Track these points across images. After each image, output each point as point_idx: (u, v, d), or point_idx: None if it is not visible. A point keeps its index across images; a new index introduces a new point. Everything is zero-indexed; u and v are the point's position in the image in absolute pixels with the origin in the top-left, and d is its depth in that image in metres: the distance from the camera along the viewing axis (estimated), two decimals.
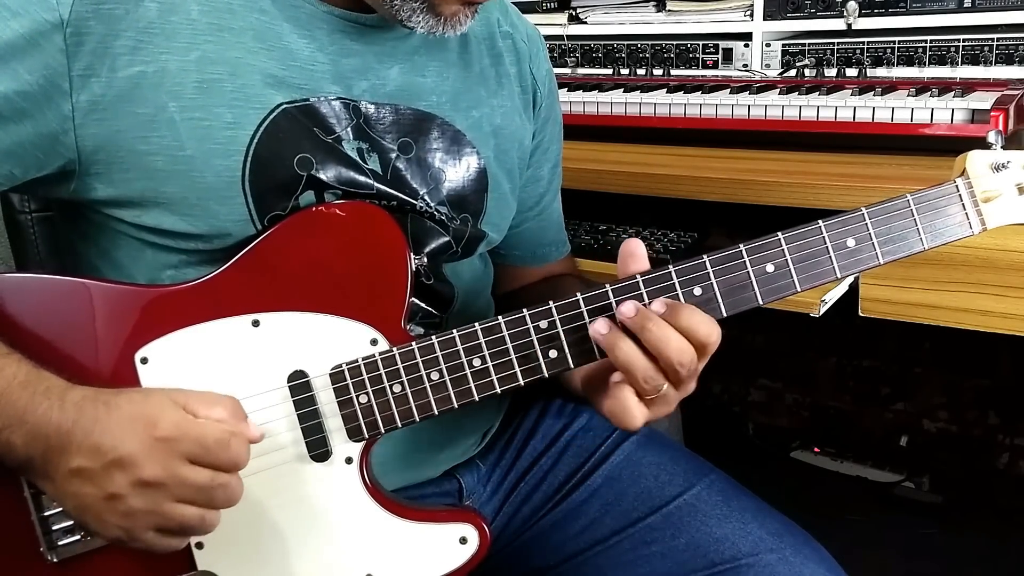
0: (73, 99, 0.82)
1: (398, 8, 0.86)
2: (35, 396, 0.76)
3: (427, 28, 0.87)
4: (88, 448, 0.76)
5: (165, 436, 0.76)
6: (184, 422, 0.77)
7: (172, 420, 0.77)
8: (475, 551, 0.89)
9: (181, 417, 0.77)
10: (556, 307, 0.84)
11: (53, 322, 0.84)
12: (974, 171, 0.86)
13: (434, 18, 0.87)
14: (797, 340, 2.33)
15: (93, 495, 0.76)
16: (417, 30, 0.88)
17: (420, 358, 0.85)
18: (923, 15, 1.59)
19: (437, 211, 0.96)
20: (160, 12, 0.84)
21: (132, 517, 0.77)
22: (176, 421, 0.77)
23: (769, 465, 2.31)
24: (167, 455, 0.76)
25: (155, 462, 0.76)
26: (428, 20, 0.87)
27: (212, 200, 0.86)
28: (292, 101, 0.88)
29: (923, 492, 2.18)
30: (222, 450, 0.77)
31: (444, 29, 0.88)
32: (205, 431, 0.77)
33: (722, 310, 0.83)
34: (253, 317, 0.86)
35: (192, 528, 0.79)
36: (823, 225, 0.83)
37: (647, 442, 1.08)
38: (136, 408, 0.77)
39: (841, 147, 1.41)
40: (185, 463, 0.76)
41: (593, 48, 1.92)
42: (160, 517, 0.77)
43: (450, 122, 0.97)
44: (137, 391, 0.81)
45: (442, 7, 0.86)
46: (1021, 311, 1.10)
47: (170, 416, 0.77)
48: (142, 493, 0.76)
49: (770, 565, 0.94)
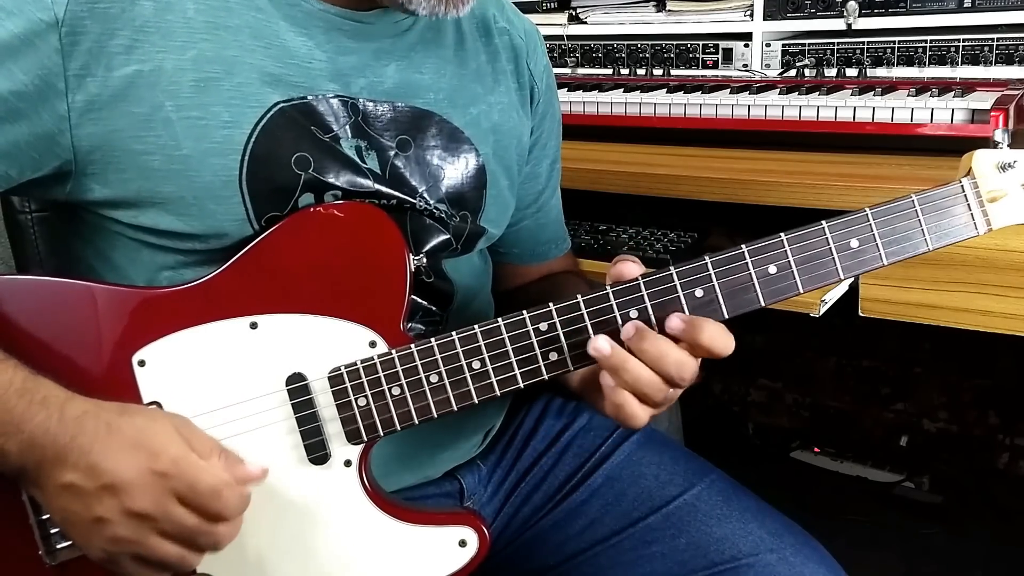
0: (69, 99, 0.82)
1: None
2: (32, 405, 0.76)
3: (429, 10, 0.87)
4: (84, 467, 0.75)
5: (162, 470, 0.75)
6: (183, 461, 0.76)
7: (172, 456, 0.76)
8: (474, 554, 0.89)
9: (183, 455, 0.76)
10: (556, 309, 0.83)
11: (50, 324, 0.83)
12: (980, 171, 0.85)
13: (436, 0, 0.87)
14: (797, 340, 2.33)
15: (81, 514, 0.76)
16: (419, 12, 0.87)
17: (419, 360, 0.84)
18: (923, 15, 1.59)
19: (436, 209, 0.95)
20: (156, 11, 0.84)
21: (115, 543, 0.76)
22: (176, 458, 0.76)
23: (769, 465, 2.31)
24: (160, 490, 0.75)
25: (147, 495, 0.75)
26: (431, 2, 0.87)
27: (209, 200, 0.85)
28: (289, 100, 0.88)
29: (923, 492, 2.18)
30: (212, 499, 0.77)
31: (446, 10, 0.88)
32: (200, 476, 0.76)
33: (724, 312, 0.83)
34: (251, 319, 0.85)
35: (171, 565, 0.78)
36: (826, 226, 0.83)
37: (647, 442, 1.08)
38: (139, 435, 0.76)
39: (841, 147, 1.41)
40: (176, 501, 0.76)
41: (593, 48, 1.91)
42: (142, 548, 0.76)
43: (448, 119, 0.97)
44: (141, 413, 0.80)
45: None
46: (1021, 311, 1.10)
47: (172, 451, 0.76)
48: (129, 522, 0.75)
49: (770, 565, 0.94)
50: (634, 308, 0.83)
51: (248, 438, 0.85)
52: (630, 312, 0.83)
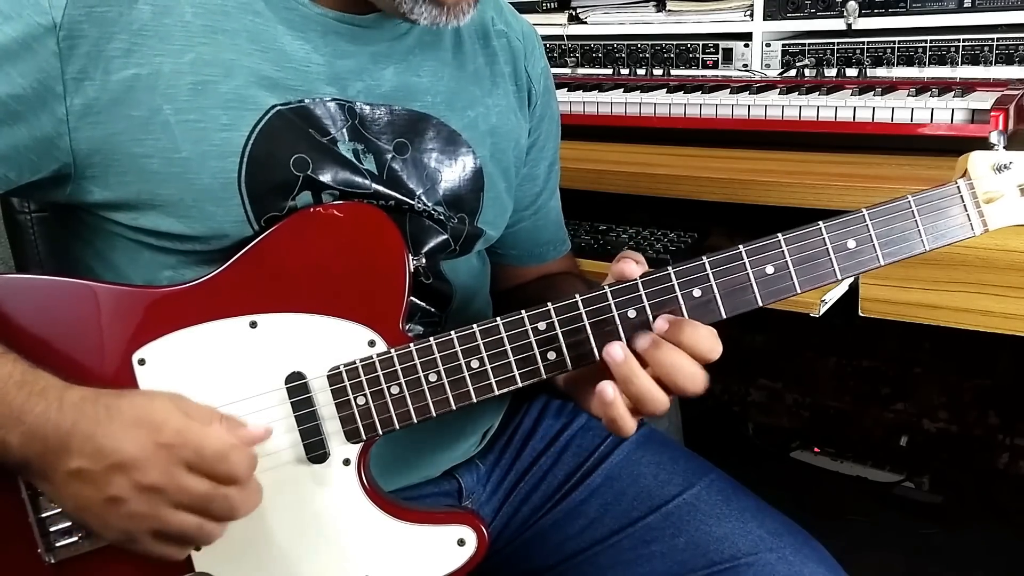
0: (67, 102, 0.82)
1: (400, 0, 0.86)
2: (31, 396, 0.76)
3: (430, 20, 0.87)
4: (90, 450, 0.75)
5: (166, 442, 0.76)
6: (186, 429, 0.77)
7: (175, 426, 0.77)
8: (473, 553, 0.89)
9: (184, 424, 0.77)
10: (554, 309, 0.84)
11: (50, 323, 0.83)
12: (976, 172, 0.85)
13: (436, 8, 0.87)
14: (797, 340, 2.33)
15: (93, 497, 0.76)
16: (420, 22, 0.87)
17: (418, 359, 0.85)
18: (923, 15, 1.59)
19: (434, 210, 0.96)
20: (153, 14, 0.84)
21: (133, 519, 0.77)
22: (178, 428, 0.77)
23: (769, 465, 2.31)
24: (167, 461, 0.76)
25: (155, 467, 0.76)
26: (431, 11, 0.87)
27: (208, 202, 0.86)
28: (287, 103, 0.88)
29: (923, 492, 2.18)
30: (219, 462, 0.77)
31: (447, 19, 0.88)
32: (204, 441, 0.77)
33: (721, 312, 0.83)
34: (251, 318, 0.85)
35: (190, 536, 0.79)
36: (823, 226, 0.83)
37: (647, 442, 1.08)
38: (139, 412, 0.77)
39: (841, 147, 1.41)
40: (185, 471, 0.76)
41: (593, 48, 1.91)
42: (159, 522, 0.77)
43: (445, 122, 0.97)
44: (139, 394, 0.81)
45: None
46: (1021, 311, 1.10)
47: (174, 422, 0.77)
48: (142, 497, 0.76)
49: (770, 564, 0.94)
50: (632, 308, 0.83)
51: None
52: (628, 312, 0.83)
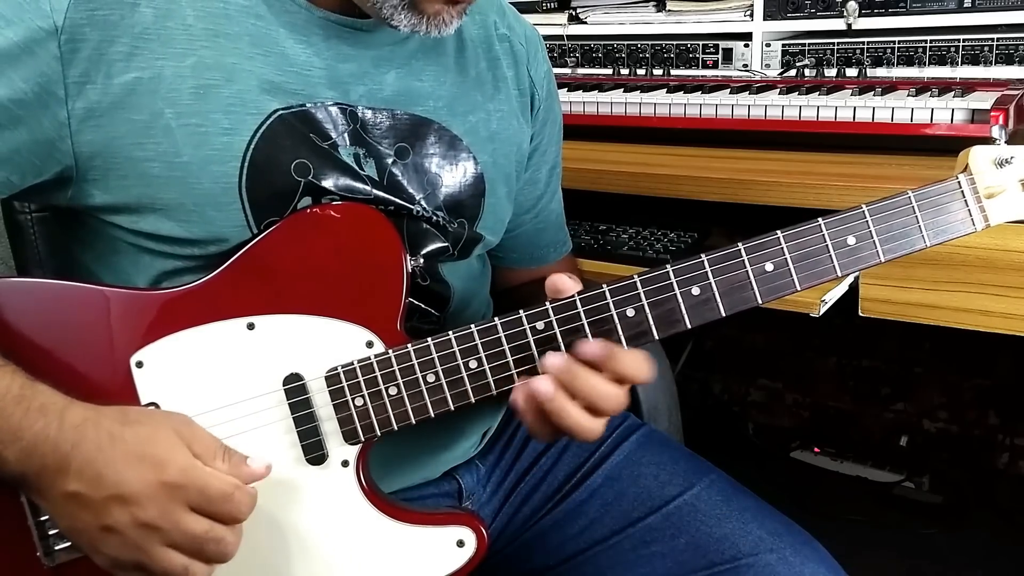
0: (69, 106, 0.82)
1: (380, 5, 0.86)
2: (30, 412, 0.75)
3: (411, 26, 0.86)
4: (89, 476, 0.75)
5: (170, 481, 0.75)
6: (191, 469, 0.76)
7: (180, 465, 0.76)
8: (472, 554, 0.88)
9: (189, 463, 0.77)
10: (552, 308, 0.83)
11: (47, 325, 0.83)
12: (977, 167, 0.84)
13: (416, 16, 0.86)
14: (797, 340, 2.33)
15: (90, 522, 0.76)
16: (401, 28, 0.87)
17: (415, 360, 0.84)
18: (923, 15, 1.59)
19: (434, 215, 0.95)
20: (155, 18, 0.84)
21: (123, 549, 0.76)
22: (183, 466, 0.76)
23: (769, 465, 2.30)
24: (169, 499, 0.75)
25: (156, 505, 0.75)
26: (411, 18, 0.86)
27: (209, 206, 0.85)
28: (288, 107, 0.88)
29: (923, 492, 2.18)
30: (224, 502, 0.77)
31: (428, 28, 0.87)
32: (209, 482, 0.77)
33: (721, 310, 0.83)
34: (248, 320, 0.85)
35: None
36: (823, 223, 0.83)
37: (647, 442, 1.08)
38: (144, 446, 0.76)
39: (841, 147, 1.41)
40: (186, 510, 0.76)
41: (593, 48, 1.91)
42: (147, 557, 0.76)
43: (447, 127, 0.96)
44: (143, 421, 0.79)
45: (423, 5, 0.85)
46: (1021, 311, 1.10)
47: (179, 460, 0.76)
48: (138, 531, 0.75)
49: (770, 565, 0.94)
50: (631, 307, 0.83)
51: (246, 438, 0.84)
52: (627, 311, 0.83)
